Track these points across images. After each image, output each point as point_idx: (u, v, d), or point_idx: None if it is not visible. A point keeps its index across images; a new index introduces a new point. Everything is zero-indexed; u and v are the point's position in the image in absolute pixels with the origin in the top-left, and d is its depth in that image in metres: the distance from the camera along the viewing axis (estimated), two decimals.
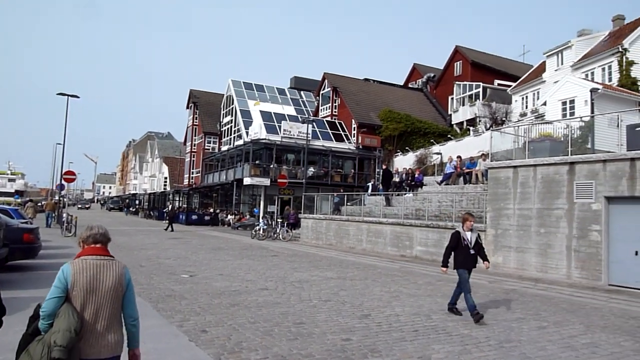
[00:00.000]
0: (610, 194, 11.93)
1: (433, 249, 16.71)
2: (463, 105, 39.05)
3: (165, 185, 69.38)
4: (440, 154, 28.61)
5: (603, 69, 27.68)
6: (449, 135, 34.16)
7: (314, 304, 8.91)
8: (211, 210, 43.34)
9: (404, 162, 31.68)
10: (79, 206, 75.97)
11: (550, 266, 12.96)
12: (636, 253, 11.35)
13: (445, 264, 8.11)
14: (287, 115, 39.95)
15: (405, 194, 21.82)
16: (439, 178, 22.63)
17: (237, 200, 39.14)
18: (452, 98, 40.83)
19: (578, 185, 12.57)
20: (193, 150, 54.82)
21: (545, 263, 13.11)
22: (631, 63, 26.14)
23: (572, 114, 22.85)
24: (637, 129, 12.72)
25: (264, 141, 34.99)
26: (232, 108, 43.72)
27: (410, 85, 48.91)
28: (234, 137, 43.25)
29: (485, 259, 8.29)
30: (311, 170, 35.34)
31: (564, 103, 23.89)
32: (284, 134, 35.59)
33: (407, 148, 34.42)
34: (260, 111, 38.56)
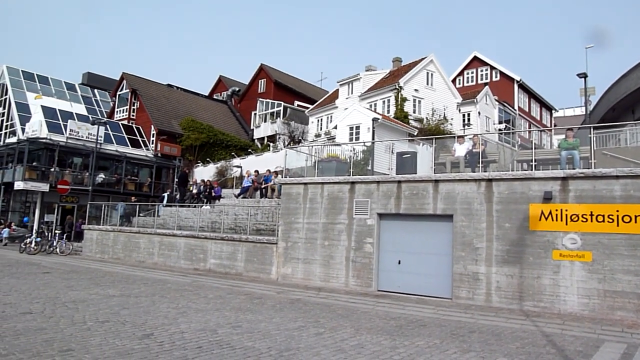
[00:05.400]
0: (381, 211, 13.64)
1: (227, 262, 16.75)
2: (265, 121, 40.55)
3: None
4: (241, 167, 29.00)
5: (384, 102, 31.84)
6: (250, 150, 34.98)
7: (89, 326, 8.03)
8: None
9: (204, 173, 31.22)
10: None
11: (332, 276, 14.16)
12: (399, 262, 13.17)
13: None
14: (76, 114, 35.73)
15: (202, 205, 21.46)
16: (238, 191, 22.91)
17: (4, 208, 33.32)
18: (255, 114, 42.08)
19: (357, 203, 14.06)
20: None
21: (328, 273, 14.27)
22: (404, 99, 30.67)
23: (357, 138, 25.72)
24: (404, 156, 14.90)
25: (44, 140, 30.63)
26: (6, 99, 37.26)
27: (215, 97, 48.74)
28: (6, 133, 36.88)
29: None
30: (101, 176, 32.24)
31: (352, 128, 26.78)
32: (70, 134, 31.74)
33: (208, 159, 34.06)
34: (42, 106, 33.69)
